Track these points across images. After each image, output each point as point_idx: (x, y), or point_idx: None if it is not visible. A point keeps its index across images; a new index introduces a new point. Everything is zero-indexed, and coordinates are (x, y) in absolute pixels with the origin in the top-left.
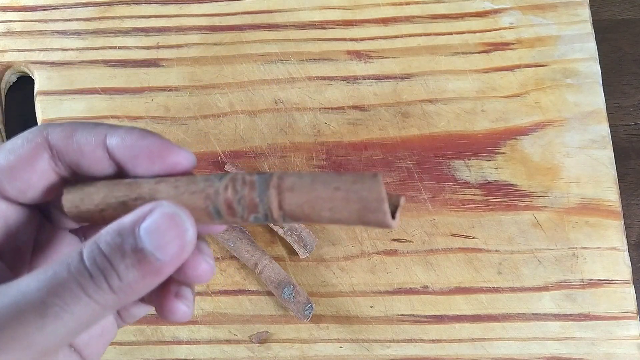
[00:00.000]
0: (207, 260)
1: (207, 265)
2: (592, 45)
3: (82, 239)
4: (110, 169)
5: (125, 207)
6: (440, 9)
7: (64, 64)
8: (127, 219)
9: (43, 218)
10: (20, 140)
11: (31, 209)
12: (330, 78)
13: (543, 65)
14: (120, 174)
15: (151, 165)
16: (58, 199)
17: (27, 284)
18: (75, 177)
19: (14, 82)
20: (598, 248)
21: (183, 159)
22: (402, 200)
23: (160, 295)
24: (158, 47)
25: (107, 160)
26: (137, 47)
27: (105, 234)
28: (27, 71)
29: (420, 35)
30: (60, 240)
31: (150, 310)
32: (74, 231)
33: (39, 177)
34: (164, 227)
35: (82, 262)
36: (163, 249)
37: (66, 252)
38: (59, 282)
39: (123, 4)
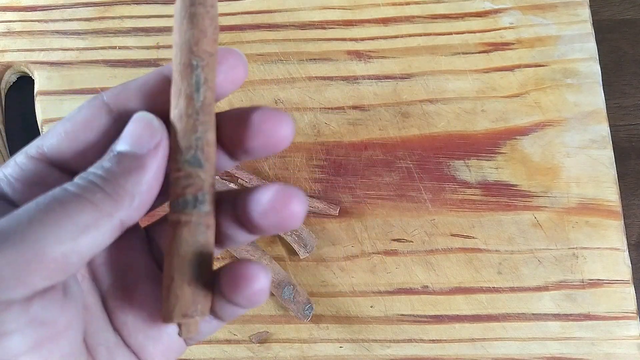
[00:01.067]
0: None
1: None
2: (592, 45)
3: (152, 233)
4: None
5: None
6: (440, 9)
7: (64, 64)
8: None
9: None
10: (78, 108)
11: None
12: (330, 78)
13: (543, 65)
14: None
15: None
16: None
17: (40, 199)
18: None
19: (14, 82)
20: (598, 248)
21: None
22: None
23: (228, 267)
24: (158, 47)
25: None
26: (137, 47)
27: (98, 162)
28: (27, 71)
29: (420, 35)
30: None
31: (219, 327)
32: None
33: (99, 137)
34: (139, 130)
35: (72, 178)
36: (139, 145)
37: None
38: (51, 194)
39: (123, 4)
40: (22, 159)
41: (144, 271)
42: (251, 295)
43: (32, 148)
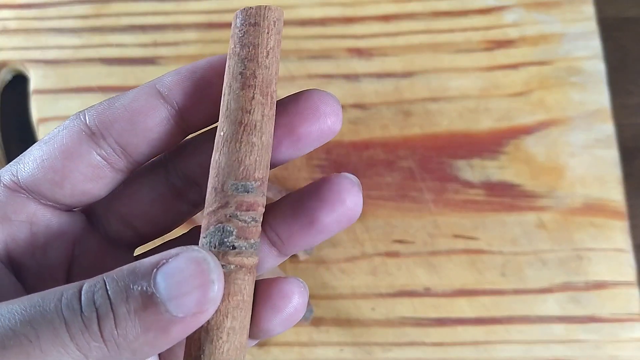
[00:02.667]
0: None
1: (357, 191)
2: (596, 43)
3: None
4: (173, 127)
5: None
6: (443, 5)
7: (60, 62)
8: (147, 259)
9: (89, 226)
10: (58, 128)
11: (72, 217)
12: (330, 76)
13: (547, 64)
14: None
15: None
16: (116, 208)
17: (7, 306)
18: (130, 167)
19: (9, 81)
20: (603, 249)
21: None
22: None
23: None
24: (155, 45)
25: (165, 110)
26: (134, 45)
27: (118, 270)
28: (23, 69)
29: (422, 32)
30: (112, 263)
31: None
32: (139, 256)
33: (80, 167)
34: (186, 273)
35: (77, 295)
36: (178, 301)
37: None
38: (40, 312)
39: (120, 0)
40: None
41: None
42: (287, 318)
43: (6, 174)
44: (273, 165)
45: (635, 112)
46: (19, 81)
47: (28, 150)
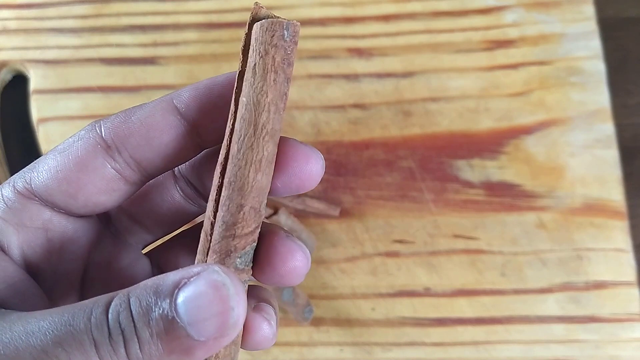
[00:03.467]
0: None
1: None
2: (596, 43)
3: (155, 268)
4: (189, 143)
5: None
6: (443, 5)
7: (60, 62)
8: (169, 276)
9: (105, 231)
10: (72, 138)
11: (87, 221)
12: (330, 76)
13: (547, 64)
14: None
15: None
16: (127, 207)
17: (38, 322)
18: (144, 180)
19: (9, 81)
20: (603, 249)
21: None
22: None
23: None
24: (155, 45)
25: (181, 126)
26: (134, 45)
27: (142, 287)
28: (23, 69)
29: (422, 32)
30: (125, 261)
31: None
32: (147, 253)
33: (94, 179)
34: (206, 299)
35: (105, 315)
36: (198, 326)
37: (99, 296)
38: (71, 332)
39: (120, 1)
40: (8, 192)
41: None
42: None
43: (19, 181)
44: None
45: (635, 112)
46: (19, 81)
47: (42, 158)
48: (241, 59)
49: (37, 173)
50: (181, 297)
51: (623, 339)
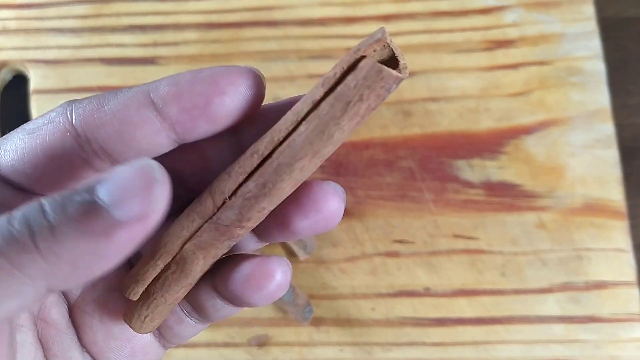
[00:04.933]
0: (336, 193)
1: (337, 201)
2: (596, 43)
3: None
4: (163, 139)
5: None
6: (443, 5)
7: (60, 62)
8: (92, 178)
9: None
10: (42, 119)
11: None
12: None
13: (547, 64)
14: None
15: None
16: None
17: None
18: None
19: (9, 81)
20: (603, 249)
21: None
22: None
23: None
24: (155, 45)
25: (156, 122)
26: (134, 45)
27: (60, 191)
28: (23, 69)
29: (422, 32)
30: None
31: (200, 330)
32: None
33: (61, 166)
34: (128, 178)
35: (11, 216)
36: (122, 204)
37: None
38: None
39: (120, 1)
40: None
41: (117, 282)
42: (269, 294)
43: None
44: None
45: (635, 112)
46: (19, 81)
47: (10, 135)
48: (338, 74)
49: (4, 152)
50: (103, 184)
51: (623, 339)
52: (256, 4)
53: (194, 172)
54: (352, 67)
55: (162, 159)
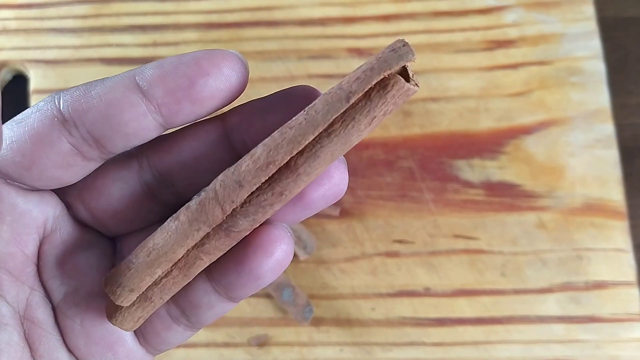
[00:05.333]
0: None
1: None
2: (596, 43)
3: (119, 244)
4: (150, 122)
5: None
6: (443, 5)
7: (60, 62)
8: None
9: (61, 205)
10: (31, 109)
11: (40, 195)
12: (330, 76)
13: (547, 64)
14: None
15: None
16: (81, 191)
17: None
18: (103, 157)
19: (9, 81)
20: (603, 249)
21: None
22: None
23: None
24: (155, 45)
25: (142, 104)
26: (134, 45)
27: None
28: (23, 69)
29: (422, 32)
30: (82, 235)
31: (188, 337)
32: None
33: (49, 153)
34: None
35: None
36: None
37: None
38: None
39: (120, 1)
40: None
41: (98, 287)
42: (279, 259)
43: None
44: None
45: (635, 112)
46: (19, 81)
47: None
48: (365, 90)
49: None
50: None
51: (623, 339)
52: (256, 4)
53: (183, 177)
54: (379, 83)
55: (151, 164)
